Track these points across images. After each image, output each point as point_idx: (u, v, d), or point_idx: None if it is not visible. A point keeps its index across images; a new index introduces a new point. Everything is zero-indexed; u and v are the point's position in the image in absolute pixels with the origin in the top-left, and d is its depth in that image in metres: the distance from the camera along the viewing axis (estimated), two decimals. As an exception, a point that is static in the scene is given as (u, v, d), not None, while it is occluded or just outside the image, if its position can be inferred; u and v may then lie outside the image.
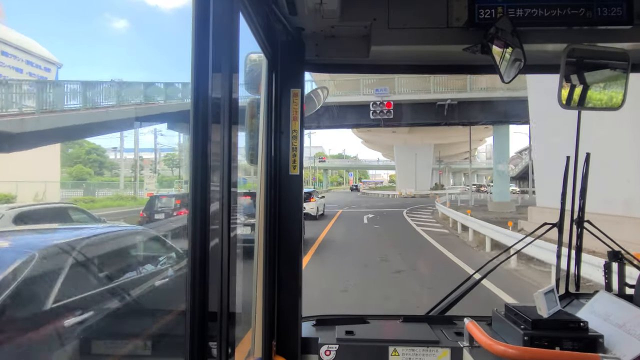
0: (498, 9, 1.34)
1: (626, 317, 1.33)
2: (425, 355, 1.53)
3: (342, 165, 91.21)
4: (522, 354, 1.21)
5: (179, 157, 47.81)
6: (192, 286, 0.76)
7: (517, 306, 1.45)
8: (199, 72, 0.77)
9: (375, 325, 1.73)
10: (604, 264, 1.76)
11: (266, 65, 1.45)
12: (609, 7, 1.31)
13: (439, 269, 8.88)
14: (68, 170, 28.90)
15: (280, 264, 1.52)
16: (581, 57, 1.36)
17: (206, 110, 0.77)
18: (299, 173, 1.52)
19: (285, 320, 1.52)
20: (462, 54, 1.41)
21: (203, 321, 0.77)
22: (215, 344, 0.82)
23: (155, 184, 24.81)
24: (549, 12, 1.32)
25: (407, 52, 1.55)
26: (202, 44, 0.77)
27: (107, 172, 38.62)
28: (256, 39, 1.27)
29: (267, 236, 1.46)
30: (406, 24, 1.43)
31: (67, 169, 28.80)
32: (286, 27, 1.44)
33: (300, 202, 1.54)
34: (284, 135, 1.52)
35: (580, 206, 1.79)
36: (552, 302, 1.39)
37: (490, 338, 1.29)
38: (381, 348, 1.55)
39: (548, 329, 1.31)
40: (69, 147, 31.53)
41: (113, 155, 38.89)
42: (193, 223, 0.76)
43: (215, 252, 0.81)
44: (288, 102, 1.51)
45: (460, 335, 1.57)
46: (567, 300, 1.76)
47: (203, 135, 0.77)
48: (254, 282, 1.46)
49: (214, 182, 0.80)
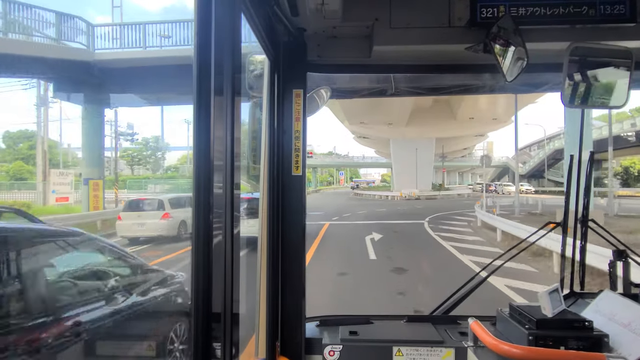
0: (500, 7, 1.34)
1: (631, 317, 1.32)
2: (430, 355, 1.53)
3: (332, 163, 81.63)
4: (527, 353, 1.21)
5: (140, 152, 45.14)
6: (196, 287, 0.77)
7: (521, 306, 1.44)
8: (202, 73, 0.77)
9: (379, 326, 1.72)
10: (609, 263, 1.76)
11: (268, 66, 1.45)
12: (612, 4, 1.30)
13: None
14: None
15: (283, 265, 1.52)
16: (584, 55, 1.35)
17: (209, 111, 0.77)
18: (302, 173, 1.52)
19: (288, 320, 1.52)
20: (464, 53, 1.41)
21: (207, 322, 0.78)
22: (220, 345, 0.82)
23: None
24: (551, 11, 1.32)
25: (409, 51, 1.55)
26: (205, 45, 0.77)
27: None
28: (258, 40, 1.27)
29: (270, 237, 1.46)
30: (408, 24, 1.43)
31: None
32: (288, 27, 1.44)
33: (303, 203, 1.54)
34: (287, 136, 1.52)
35: (585, 205, 1.79)
36: (557, 301, 1.38)
37: (495, 338, 1.29)
38: (385, 348, 1.55)
39: (553, 329, 1.31)
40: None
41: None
42: (196, 224, 0.77)
43: (218, 253, 0.81)
44: (290, 103, 1.52)
45: (464, 335, 1.56)
46: (571, 299, 1.75)
47: (206, 136, 0.77)
48: (258, 283, 1.46)
49: (217, 182, 0.80)
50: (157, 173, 44.22)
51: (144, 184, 34.49)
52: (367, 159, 76.70)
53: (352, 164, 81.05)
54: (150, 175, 42.03)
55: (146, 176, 40.36)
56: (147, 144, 47.67)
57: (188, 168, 44.46)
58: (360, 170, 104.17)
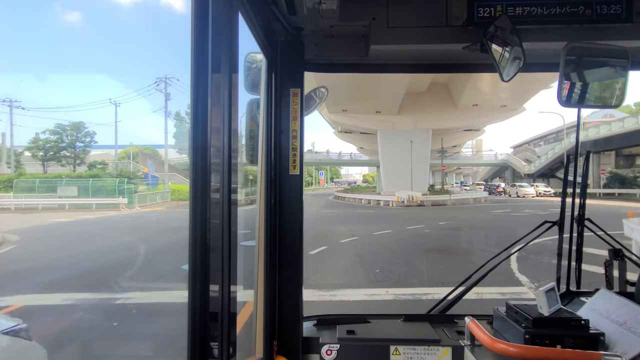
0: (497, 7, 1.34)
1: (627, 315, 1.33)
2: (427, 354, 1.53)
3: (312, 161, 65.95)
4: (524, 352, 1.21)
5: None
6: (192, 287, 0.77)
7: (518, 304, 1.45)
8: (199, 72, 0.77)
9: (377, 325, 1.72)
10: (605, 262, 1.77)
11: (266, 65, 1.45)
12: (609, 4, 1.31)
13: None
14: None
15: (281, 264, 1.52)
16: (581, 54, 1.36)
17: (206, 110, 0.77)
18: (300, 173, 1.52)
19: (286, 320, 1.53)
20: (461, 52, 1.41)
21: (204, 321, 0.78)
22: (217, 344, 0.82)
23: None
24: (548, 10, 1.32)
25: (407, 51, 1.55)
26: (202, 44, 0.77)
27: None
28: (255, 39, 1.27)
29: (267, 236, 1.46)
30: (405, 23, 1.43)
31: None
32: (285, 27, 1.44)
33: (301, 202, 1.54)
34: (284, 135, 1.52)
35: (581, 204, 1.79)
36: (553, 300, 1.39)
37: (491, 337, 1.29)
38: (382, 347, 1.55)
39: (549, 327, 1.31)
40: None
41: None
42: (193, 224, 0.76)
43: (215, 252, 0.81)
44: (288, 102, 1.52)
45: (461, 334, 1.57)
46: (568, 298, 1.76)
47: (203, 135, 0.77)
48: (255, 282, 1.46)
49: (214, 182, 0.80)
50: (76, 171, 35.91)
51: (52, 185, 28.44)
52: (345, 155, 67.49)
53: (334, 161, 70.86)
54: (65, 173, 33.81)
55: (59, 174, 32.46)
56: (65, 133, 37.74)
57: (122, 165, 39.07)
58: (341, 170, 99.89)
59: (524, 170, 51.51)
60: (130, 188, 28.87)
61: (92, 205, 25.96)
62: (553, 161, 44.22)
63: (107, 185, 29.19)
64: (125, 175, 33.14)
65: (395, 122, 35.25)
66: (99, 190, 28.46)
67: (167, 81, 38.50)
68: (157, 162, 41.58)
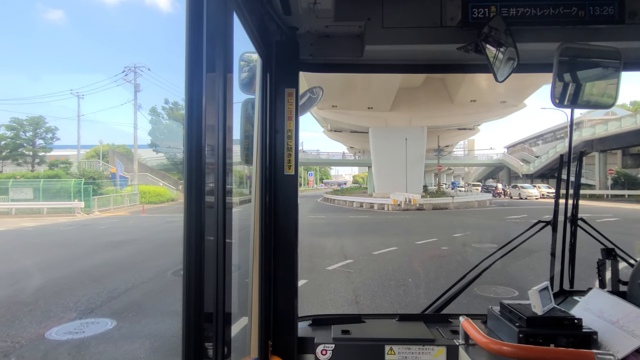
0: (491, 8, 1.35)
1: (620, 314, 1.34)
2: (421, 353, 1.54)
3: (301, 161, 61.18)
4: (517, 351, 1.22)
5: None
6: (187, 287, 0.76)
7: (511, 304, 1.46)
8: (193, 72, 0.76)
9: (371, 325, 1.73)
10: (598, 261, 1.78)
11: (260, 65, 1.45)
12: (601, 6, 1.32)
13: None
14: None
15: (276, 264, 1.52)
16: (574, 55, 1.37)
17: (200, 110, 0.77)
18: (295, 173, 1.52)
19: (281, 320, 1.52)
20: (456, 53, 1.42)
21: (199, 322, 0.77)
22: (212, 345, 0.82)
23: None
24: (541, 11, 1.33)
25: (401, 51, 1.56)
26: (196, 43, 0.77)
27: None
28: (250, 39, 1.27)
29: (262, 236, 1.46)
30: (400, 24, 1.43)
31: None
32: (280, 26, 1.43)
33: (296, 202, 1.54)
34: (279, 135, 1.52)
35: (574, 204, 1.81)
36: (547, 299, 1.40)
37: (486, 336, 1.30)
38: (377, 347, 1.56)
39: (543, 327, 1.32)
40: None
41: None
42: (188, 223, 0.76)
43: (210, 252, 0.81)
44: (283, 102, 1.51)
45: (456, 334, 1.58)
46: (561, 297, 1.77)
47: (197, 135, 0.77)
48: (250, 282, 1.45)
49: (209, 182, 0.80)
50: (35, 171, 32.68)
51: (3, 186, 26.36)
52: (337, 155, 65.15)
53: (324, 162, 67.12)
54: (20, 173, 30.56)
55: (13, 174, 29.56)
56: (22, 128, 34.50)
57: (88, 164, 36.40)
58: (330, 170, 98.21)
59: (521, 170, 50.45)
60: (88, 189, 25.80)
61: (43, 209, 23.42)
62: (554, 161, 41.46)
63: (69, 186, 26.31)
64: (88, 176, 30.04)
65: (388, 119, 33.07)
66: (59, 193, 25.74)
67: (136, 71, 35.34)
68: (127, 160, 37.86)
